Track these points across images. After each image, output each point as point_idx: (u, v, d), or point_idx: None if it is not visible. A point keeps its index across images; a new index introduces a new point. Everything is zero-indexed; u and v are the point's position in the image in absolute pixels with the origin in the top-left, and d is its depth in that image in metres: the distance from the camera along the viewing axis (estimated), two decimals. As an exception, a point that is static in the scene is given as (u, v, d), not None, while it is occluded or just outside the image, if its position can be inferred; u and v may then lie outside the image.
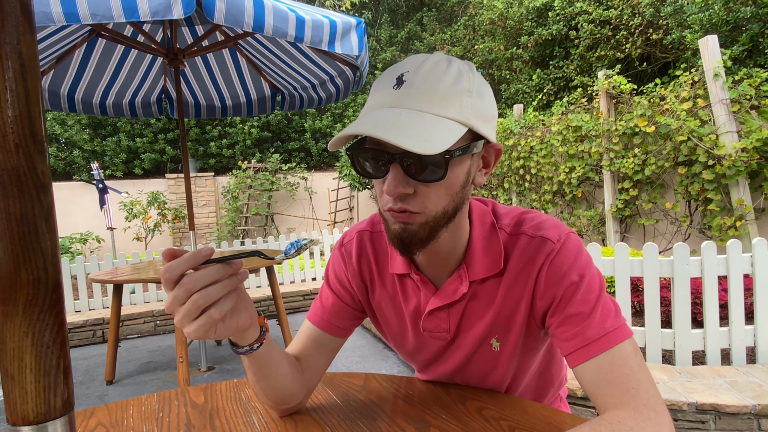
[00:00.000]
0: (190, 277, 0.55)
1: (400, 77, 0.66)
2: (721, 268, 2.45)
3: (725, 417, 1.98)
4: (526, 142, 5.56)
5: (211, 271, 0.56)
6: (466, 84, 0.66)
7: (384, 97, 0.66)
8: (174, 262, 0.55)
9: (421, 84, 0.64)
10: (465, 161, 0.68)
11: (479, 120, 0.66)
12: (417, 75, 0.65)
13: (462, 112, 0.64)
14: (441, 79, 0.65)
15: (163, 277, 0.55)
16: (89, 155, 9.63)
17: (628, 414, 0.61)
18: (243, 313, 0.63)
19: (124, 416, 0.88)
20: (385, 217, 0.71)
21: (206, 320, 0.56)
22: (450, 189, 0.68)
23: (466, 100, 0.65)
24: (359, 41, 2.58)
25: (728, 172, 3.51)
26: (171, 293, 0.55)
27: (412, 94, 0.64)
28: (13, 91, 0.35)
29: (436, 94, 0.64)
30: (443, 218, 0.69)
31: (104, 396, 3.16)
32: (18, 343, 0.35)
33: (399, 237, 0.69)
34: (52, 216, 0.37)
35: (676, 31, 5.75)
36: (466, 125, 0.65)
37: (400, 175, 0.65)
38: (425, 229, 0.68)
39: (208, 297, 0.55)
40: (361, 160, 0.69)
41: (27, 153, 0.36)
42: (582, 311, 0.68)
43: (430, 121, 0.62)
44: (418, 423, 0.78)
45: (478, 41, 9.75)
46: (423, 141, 0.59)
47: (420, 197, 0.66)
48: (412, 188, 0.66)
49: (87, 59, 3.36)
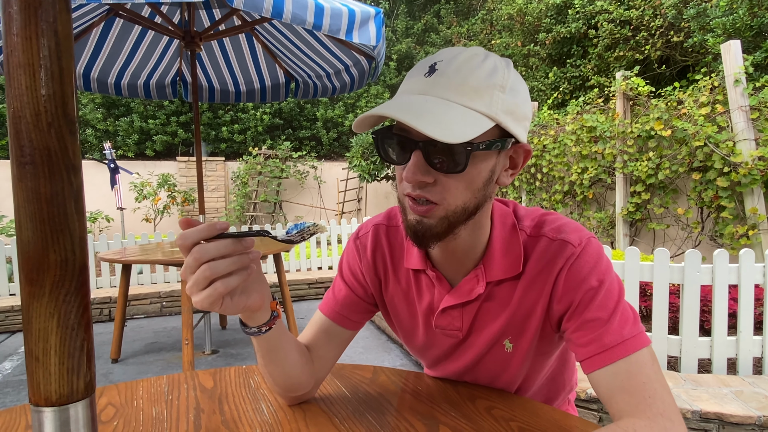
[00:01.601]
0: (200, 248, 0.56)
1: (433, 66, 0.65)
2: (733, 276, 2.43)
3: (729, 427, 1.97)
4: (539, 141, 5.51)
5: (220, 245, 0.56)
6: (500, 79, 0.65)
7: (414, 83, 0.66)
8: (189, 230, 0.56)
9: (452, 74, 0.64)
10: (490, 158, 0.67)
11: (509, 117, 0.65)
12: (450, 65, 0.64)
13: (491, 106, 0.64)
14: (474, 72, 0.64)
15: (177, 243, 0.56)
16: (102, 135, 9.69)
17: (644, 423, 0.60)
18: (254, 294, 0.63)
19: (134, 397, 0.89)
20: (404, 205, 0.70)
21: (211, 292, 0.56)
22: (471, 184, 0.67)
23: (498, 96, 0.64)
24: (377, 31, 2.56)
25: (743, 180, 3.47)
26: (185, 261, 0.57)
27: (442, 83, 0.64)
28: (47, 69, 0.35)
29: (466, 86, 0.63)
30: (463, 214, 0.68)
31: (109, 374, 3.20)
32: (44, 324, 0.35)
33: (414, 229, 0.68)
34: (81, 198, 0.37)
35: (698, 34, 5.66)
36: (494, 120, 0.64)
37: (421, 162, 0.64)
38: (443, 224, 0.67)
39: (216, 270, 0.56)
40: (386, 145, 0.69)
41: (59, 133, 0.35)
42: (600, 317, 0.68)
43: (455, 111, 0.62)
44: (427, 419, 0.78)
45: (495, 36, 9.65)
46: (444, 129, 0.59)
47: (439, 187, 0.66)
48: (432, 177, 0.65)
49: (104, 38, 3.36)
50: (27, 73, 0.34)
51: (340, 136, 11.29)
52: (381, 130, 0.68)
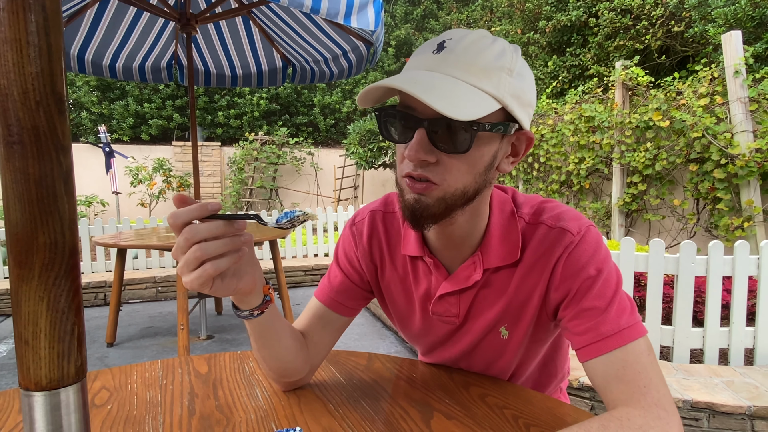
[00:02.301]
0: (191, 228, 0.55)
1: (442, 43, 0.64)
2: (727, 268, 2.44)
3: (719, 416, 2.00)
4: (537, 130, 5.49)
5: (211, 226, 0.55)
6: (508, 62, 0.64)
7: (422, 60, 0.65)
8: (180, 210, 0.55)
9: (461, 52, 0.63)
10: (493, 141, 0.67)
11: (515, 101, 0.65)
12: (459, 43, 0.63)
13: (498, 88, 0.63)
14: (483, 52, 0.63)
15: (168, 221, 0.55)
16: (97, 118, 9.60)
17: (638, 412, 0.60)
18: (245, 277, 0.62)
19: (128, 381, 0.88)
20: (401, 186, 0.69)
21: (201, 273, 0.55)
22: (473, 167, 0.66)
23: (505, 78, 0.63)
24: (376, 16, 2.52)
25: (740, 172, 3.47)
26: (176, 241, 0.56)
27: (450, 61, 0.63)
28: (35, 46, 0.33)
29: (474, 65, 0.62)
30: (461, 197, 0.67)
31: (104, 357, 3.20)
32: (33, 308, 0.34)
33: (411, 208, 0.67)
34: (71, 179, 0.36)
35: (699, 24, 5.62)
36: (501, 102, 0.63)
37: (425, 141, 0.63)
38: (441, 205, 0.67)
39: (206, 251, 0.55)
40: (388, 123, 0.68)
41: (48, 112, 0.34)
42: (597, 306, 0.68)
43: (463, 89, 0.61)
44: (422, 406, 0.78)
45: (495, 23, 9.56)
46: (452, 105, 0.58)
47: (441, 168, 0.65)
48: (435, 157, 0.64)
49: (98, 20, 3.30)
50: (14, 49, 0.33)
51: (337, 123, 11.22)
52: (384, 107, 0.67)
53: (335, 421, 0.73)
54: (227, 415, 0.75)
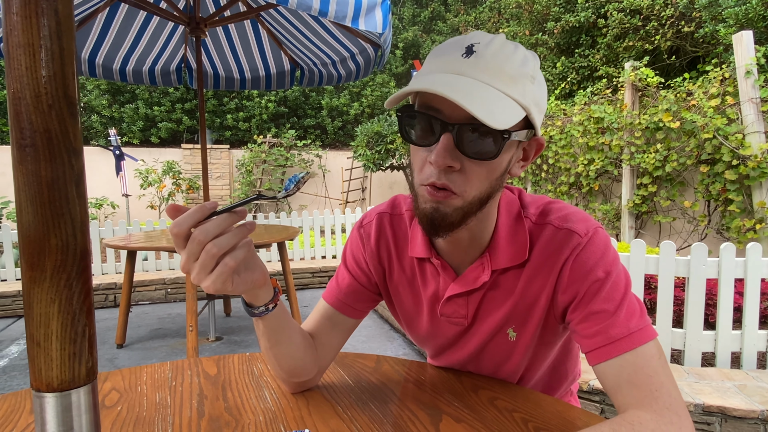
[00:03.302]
0: (200, 230, 0.54)
1: (470, 47, 0.63)
2: (739, 270, 2.41)
3: (731, 420, 1.97)
4: (546, 132, 5.47)
5: (219, 221, 0.54)
6: (531, 70, 0.64)
7: (450, 63, 0.64)
8: (181, 217, 0.54)
9: (491, 58, 0.62)
10: (512, 147, 0.67)
11: (536, 109, 0.65)
12: (488, 48, 0.63)
13: (525, 96, 0.63)
14: (510, 58, 0.63)
15: (172, 233, 0.54)
16: (107, 121, 9.69)
17: (650, 416, 0.60)
18: (256, 269, 0.62)
19: (138, 382, 0.89)
20: (418, 193, 0.68)
21: (223, 269, 0.54)
22: (492, 173, 0.66)
23: (529, 86, 0.64)
24: (384, 18, 2.53)
25: (752, 174, 3.43)
26: (184, 251, 0.54)
27: (481, 66, 0.62)
28: (48, 50, 0.34)
29: (504, 72, 0.62)
30: (477, 204, 0.67)
31: (114, 359, 3.23)
32: (45, 309, 0.35)
33: (430, 217, 0.66)
34: (82, 182, 0.36)
35: (710, 24, 5.57)
36: (526, 110, 0.63)
37: (451, 146, 0.62)
38: (458, 214, 0.66)
39: (221, 245, 0.54)
40: (410, 126, 0.66)
41: (60, 115, 0.35)
42: (606, 309, 0.67)
43: (496, 96, 0.61)
44: (430, 409, 0.77)
45: (503, 25, 9.55)
46: (489, 112, 0.58)
47: (464, 175, 0.64)
48: (459, 163, 0.63)
49: (109, 24, 3.34)
50: (27, 54, 0.33)
51: (345, 125, 11.25)
52: (407, 107, 0.66)
53: (344, 424, 0.73)
54: (236, 416, 0.75)
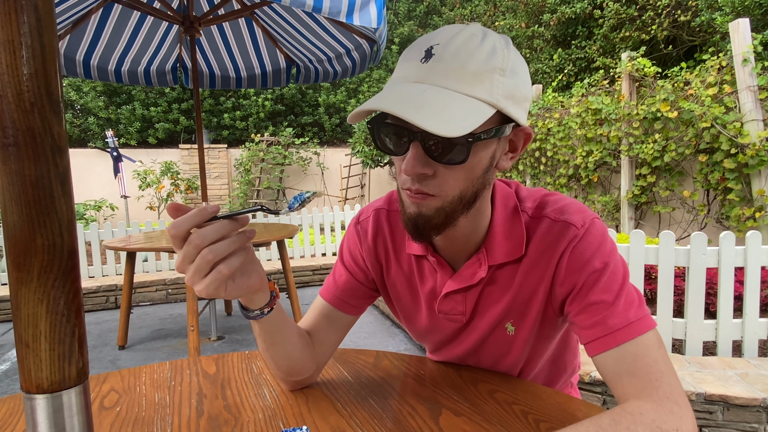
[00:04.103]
0: (198, 233, 0.53)
1: (429, 50, 0.61)
2: (739, 259, 2.41)
3: (734, 409, 1.97)
4: (544, 124, 5.46)
5: (218, 227, 0.54)
6: (499, 61, 0.61)
7: (410, 69, 0.63)
8: (180, 218, 0.54)
9: (450, 59, 0.60)
10: (490, 145, 0.65)
11: (510, 101, 0.62)
12: (447, 49, 0.60)
13: (492, 92, 0.61)
14: (473, 55, 0.60)
15: (170, 233, 0.54)
16: (104, 123, 9.67)
17: (651, 406, 0.59)
18: (253, 274, 0.62)
19: (137, 383, 0.89)
20: (402, 197, 0.68)
21: (216, 276, 0.54)
22: (470, 173, 0.65)
23: (498, 80, 0.61)
24: (378, 13, 2.51)
25: (751, 162, 3.42)
26: (181, 252, 0.54)
27: (440, 69, 0.60)
28: (28, 47, 0.33)
29: (465, 72, 0.60)
30: (459, 203, 0.66)
31: (116, 360, 3.23)
32: (33, 310, 0.34)
33: (413, 221, 0.66)
34: (68, 180, 0.36)
35: (706, 12, 5.55)
36: (495, 107, 0.61)
37: (420, 154, 0.62)
38: (440, 215, 0.65)
39: (217, 252, 0.54)
40: (382, 136, 0.66)
41: (42, 113, 0.34)
42: (604, 300, 0.66)
43: (455, 101, 0.59)
44: (430, 403, 0.77)
45: (499, 18, 9.51)
46: (445, 122, 0.56)
47: (438, 179, 0.63)
48: (432, 169, 0.63)
49: (103, 25, 3.32)
50: (7, 51, 0.33)
51: (342, 122, 11.22)
52: (377, 119, 0.65)
53: (343, 420, 0.72)
54: (235, 415, 0.75)
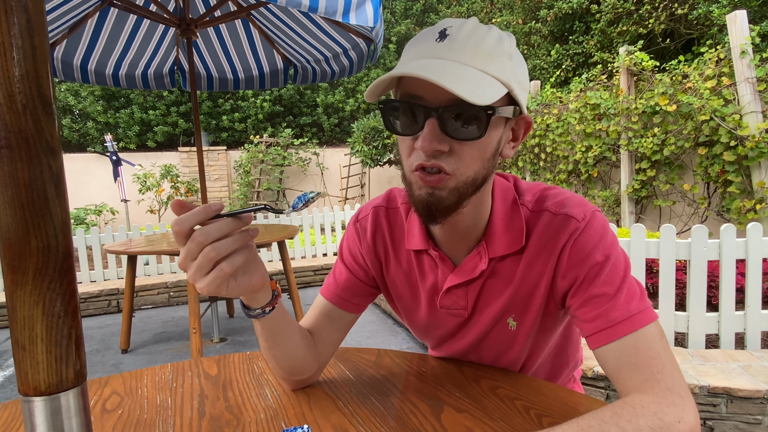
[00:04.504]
0: (201, 231, 0.54)
1: (443, 31, 0.64)
2: (740, 251, 2.40)
3: (737, 401, 1.97)
4: (542, 120, 5.45)
5: (221, 224, 0.54)
6: (507, 48, 0.65)
7: (425, 49, 0.64)
8: (184, 215, 0.54)
9: (465, 39, 0.62)
10: (499, 126, 0.67)
11: (518, 85, 0.65)
12: (461, 30, 0.63)
13: (504, 72, 0.63)
14: (485, 38, 0.63)
15: (173, 230, 0.54)
16: (103, 127, 9.67)
17: (652, 398, 0.59)
18: (255, 273, 0.62)
19: (138, 385, 0.89)
20: (411, 181, 0.67)
21: (218, 274, 0.54)
22: (483, 152, 0.65)
23: (507, 63, 0.64)
24: (375, 12, 2.51)
25: (750, 154, 3.41)
26: (183, 249, 0.54)
27: (456, 48, 0.62)
28: (19, 48, 0.33)
29: (479, 50, 0.62)
30: (472, 185, 0.67)
31: (119, 364, 3.23)
32: (28, 312, 0.34)
33: (426, 203, 0.66)
34: (61, 182, 0.36)
35: (703, 5, 5.54)
36: (507, 86, 0.63)
37: (437, 130, 0.62)
38: (454, 195, 0.66)
39: (220, 250, 0.54)
40: (394, 116, 0.66)
41: (35, 115, 0.34)
42: (606, 292, 0.66)
43: (474, 74, 0.61)
44: (432, 400, 0.77)
45: (496, 14, 9.50)
46: (470, 90, 0.58)
47: (455, 156, 0.64)
48: (447, 145, 0.63)
49: (99, 29, 3.32)
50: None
51: (341, 122, 11.22)
52: (389, 99, 0.66)
53: (344, 418, 0.72)
54: (237, 415, 0.75)
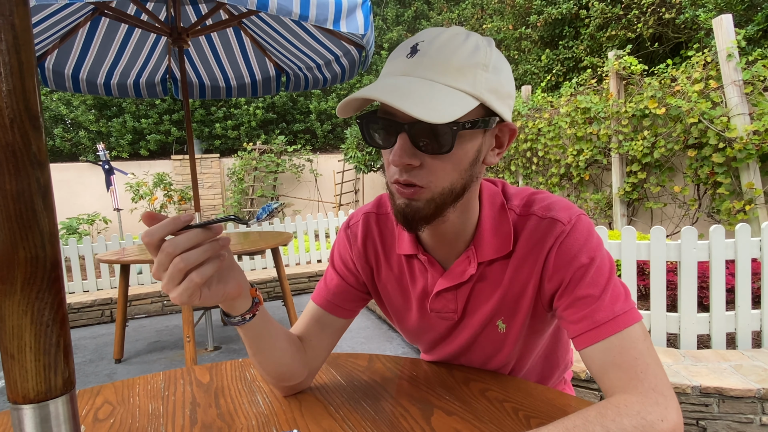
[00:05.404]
0: (170, 242, 0.55)
1: (415, 46, 0.65)
2: (729, 252, 2.43)
3: (729, 400, 1.99)
4: (534, 124, 5.49)
5: (190, 235, 0.55)
6: (482, 58, 0.65)
7: (397, 65, 0.66)
8: (154, 227, 0.55)
9: (435, 54, 0.63)
10: (476, 137, 0.67)
11: (493, 96, 0.65)
12: (432, 45, 0.64)
13: (475, 85, 0.63)
14: (456, 51, 0.64)
15: (143, 241, 0.55)
16: (95, 136, 9.64)
17: (636, 398, 0.60)
18: (231, 281, 0.63)
19: (130, 394, 0.89)
20: (392, 191, 0.70)
21: (188, 284, 0.55)
22: (458, 164, 0.67)
23: (481, 74, 0.64)
24: (365, 20, 2.53)
25: (739, 155, 3.46)
26: (156, 259, 0.55)
27: (425, 63, 0.63)
28: (6, 64, 0.34)
29: (449, 65, 0.63)
30: (450, 195, 0.68)
31: (113, 374, 3.21)
32: (17, 322, 0.35)
33: (403, 213, 0.68)
34: (49, 194, 0.36)
35: (690, 10, 5.62)
36: (479, 99, 0.64)
37: (407, 145, 0.64)
38: (431, 206, 0.67)
39: (189, 260, 0.55)
40: (371, 130, 0.68)
41: (22, 129, 0.35)
42: (591, 294, 0.68)
43: (439, 91, 0.61)
44: (422, 404, 0.78)
45: (487, 20, 9.58)
46: (429, 109, 0.59)
47: (426, 170, 0.65)
48: (419, 160, 0.65)
49: (90, 39, 3.32)
50: (-15, 69, 0.33)
51: (334, 128, 11.24)
52: (366, 114, 0.67)
53: (336, 423, 0.73)
54: (228, 422, 0.76)
